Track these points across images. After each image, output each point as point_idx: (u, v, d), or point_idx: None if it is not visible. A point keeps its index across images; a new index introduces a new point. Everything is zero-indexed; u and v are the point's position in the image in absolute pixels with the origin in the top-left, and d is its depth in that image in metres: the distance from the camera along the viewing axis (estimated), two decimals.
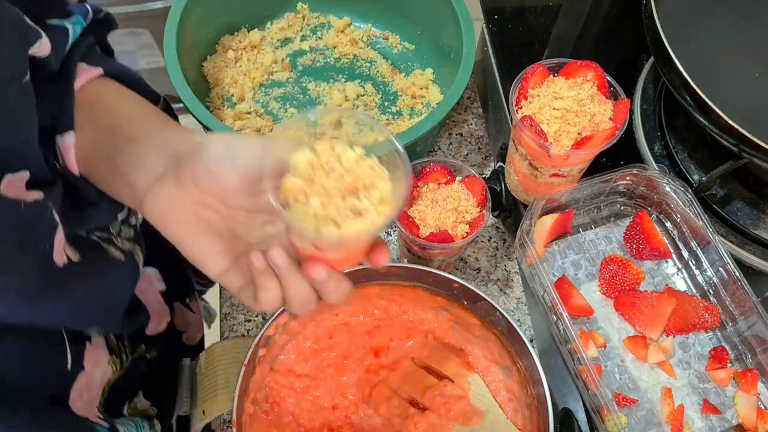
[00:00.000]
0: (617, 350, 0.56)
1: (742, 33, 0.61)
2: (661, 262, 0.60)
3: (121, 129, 0.44)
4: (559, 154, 0.52)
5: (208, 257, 0.41)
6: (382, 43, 0.81)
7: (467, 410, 0.55)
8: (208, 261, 0.41)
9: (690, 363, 0.56)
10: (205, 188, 0.40)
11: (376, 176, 0.42)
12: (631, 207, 0.62)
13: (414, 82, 0.77)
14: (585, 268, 0.60)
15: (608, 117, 0.52)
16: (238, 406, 0.51)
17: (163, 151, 0.42)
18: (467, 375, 0.57)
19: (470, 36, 0.68)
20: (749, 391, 0.53)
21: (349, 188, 0.40)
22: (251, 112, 0.74)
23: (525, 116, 0.52)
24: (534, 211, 0.56)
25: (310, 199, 0.39)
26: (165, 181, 0.41)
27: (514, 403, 0.56)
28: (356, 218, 0.40)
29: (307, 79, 0.77)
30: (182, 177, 0.40)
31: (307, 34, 0.81)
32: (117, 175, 0.43)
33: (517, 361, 0.55)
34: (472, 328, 0.58)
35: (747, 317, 0.54)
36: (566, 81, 0.54)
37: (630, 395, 0.53)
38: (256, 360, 0.54)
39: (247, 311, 0.67)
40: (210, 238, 0.41)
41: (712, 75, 0.55)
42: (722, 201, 0.61)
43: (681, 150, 0.64)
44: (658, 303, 0.56)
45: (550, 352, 0.58)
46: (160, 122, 0.45)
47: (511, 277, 0.69)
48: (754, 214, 0.60)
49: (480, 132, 0.79)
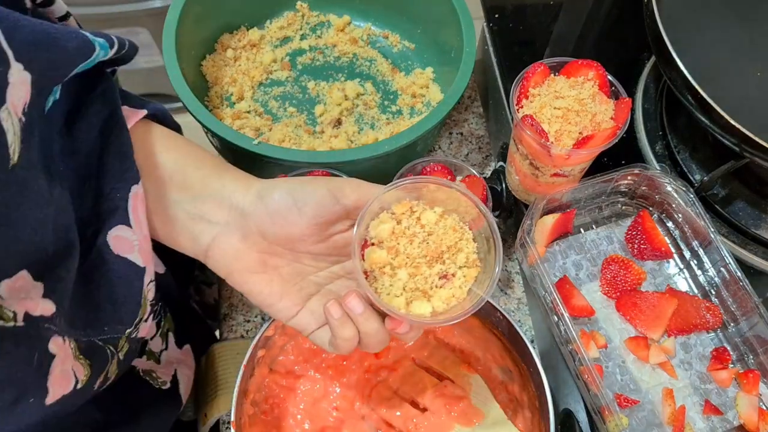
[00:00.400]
0: (618, 351, 0.56)
1: (743, 32, 0.60)
2: (662, 263, 0.60)
3: (175, 181, 0.42)
4: (560, 154, 0.52)
5: (278, 303, 0.41)
6: (382, 41, 0.80)
7: (468, 411, 0.55)
8: (278, 307, 0.41)
9: (691, 364, 0.55)
10: (273, 240, 0.40)
11: (459, 236, 0.41)
12: (633, 207, 0.62)
13: (414, 81, 0.76)
14: (586, 268, 0.60)
15: (609, 116, 0.52)
16: (237, 407, 0.50)
17: (224, 203, 0.41)
18: (468, 376, 0.57)
19: (471, 35, 0.68)
20: (751, 392, 0.53)
21: (434, 253, 0.40)
22: (250, 111, 0.74)
23: (526, 115, 0.52)
24: (535, 211, 0.56)
25: (398, 272, 0.39)
26: (229, 234, 0.40)
27: (515, 403, 0.56)
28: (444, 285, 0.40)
29: (307, 78, 0.77)
30: (248, 230, 0.40)
31: (306, 32, 0.81)
32: (176, 228, 0.42)
33: (518, 361, 0.55)
34: (473, 329, 0.58)
35: (749, 317, 0.54)
36: (567, 80, 0.53)
37: (631, 396, 0.53)
38: (255, 361, 0.54)
39: (246, 312, 0.66)
40: (279, 285, 0.41)
41: (713, 74, 0.55)
42: (724, 201, 0.61)
43: (682, 149, 0.64)
44: (659, 303, 0.56)
45: (551, 353, 0.58)
46: (215, 169, 0.43)
47: (511, 278, 0.69)
48: (756, 214, 0.60)
49: (480, 131, 0.78)
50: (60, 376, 0.35)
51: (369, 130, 0.73)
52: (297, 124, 0.73)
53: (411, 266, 0.39)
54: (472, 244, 0.41)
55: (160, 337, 0.53)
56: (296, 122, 0.73)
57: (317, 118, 0.74)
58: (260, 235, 0.39)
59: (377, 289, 0.39)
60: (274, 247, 0.40)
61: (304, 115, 0.74)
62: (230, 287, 0.67)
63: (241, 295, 0.67)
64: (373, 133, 0.72)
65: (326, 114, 0.73)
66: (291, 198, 0.39)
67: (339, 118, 0.73)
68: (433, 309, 0.39)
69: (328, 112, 0.73)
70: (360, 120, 0.74)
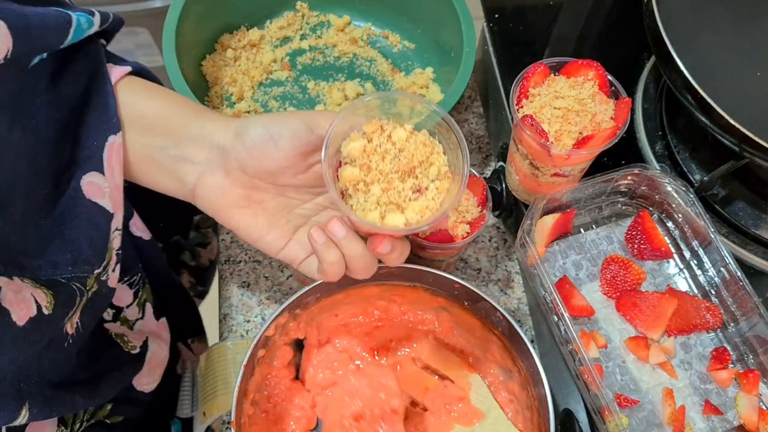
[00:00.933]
0: (618, 351, 0.56)
1: (743, 32, 0.60)
2: (662, 263, 0.60)
3: (159, 128, 0.45)
4: (560, 154, 0.52)
5: (265, 236, 0.43)
6: (382, 41, 0.80)
7: (468, 411, 0.55)
8: (266, 239, 0.43)
9: (691, 364, 0.55)
10: (254, 173, 0.41)
11: (430, 150, 0.42)
12: (633, 207, 0.62)
13: (414, 81, 0.76)
14: (586, 268, 0.60)
15: (609, 116, 0.52)
16: (237, 407, 0.50)
17: (205, 143, 0.43)
18: (468, 376, 0.57)
19: (471, 35, 0.68)
20: (751, 392, 0.53)
21: (406, 168, 0.41)
22: (250, 111, 0.74)
23: (526, 115, 0.52)
24: (535, 211, 0.56)
25: (371, 187, 0.40)
26: (213, 172, 0.42)
27: (515, 403, 0.56)
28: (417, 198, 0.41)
29: (307, 78, 0.77)
30: (229, 166, 0.41)
31: (306, 32, 0.81)
32: (162, 172, 0.44)
33: (518, 361, 0.55)
34: (473, 329, 0.58)
35: (749, 318, 0.54)
36: (567, 80, 0.53)
37: (631, 396, 0.53)
38: (255, 361, 0.54)
39: (246, 312, 0.66)
40: (265, 218, 0.42)
41: (713, 74, 0.55)
42: (724, 201, 0.61)
43: (682, 149, 0.64)
44: (659, 303, 0.56)
45: (551, 353, 0.58)
46: (195, 113, 0.45)
47: (511, 278, 0.69)
48: (756, 214, 0.60)
49: (480, 131, 0.78)
50: (15, 300, 0.37)
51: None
52: None
53: (384, 181, 0.40)
54: (442, 158, 0.42)
55: (136, 306, 0.54)
56: None
57: None
58: (241, 170, 0.41)
59: (353, 206, 0.40)
60: (256, 181, 0.41)
61: None
62: (230, 286, 0.67)
63: (241, 295, 0.67)
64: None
65: None
66: (267, 132, 0.41)
67: None
68: (406, 220, 0.40)
69: None
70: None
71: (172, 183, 0.44)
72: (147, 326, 0.57)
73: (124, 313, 0.54)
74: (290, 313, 0.55)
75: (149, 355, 0.56)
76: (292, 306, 0.54)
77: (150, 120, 0.45)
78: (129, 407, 0.55)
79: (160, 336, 0.59)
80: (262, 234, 0.43)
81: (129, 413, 0.55)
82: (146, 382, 0.56)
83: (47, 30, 0.41)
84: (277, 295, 0.67)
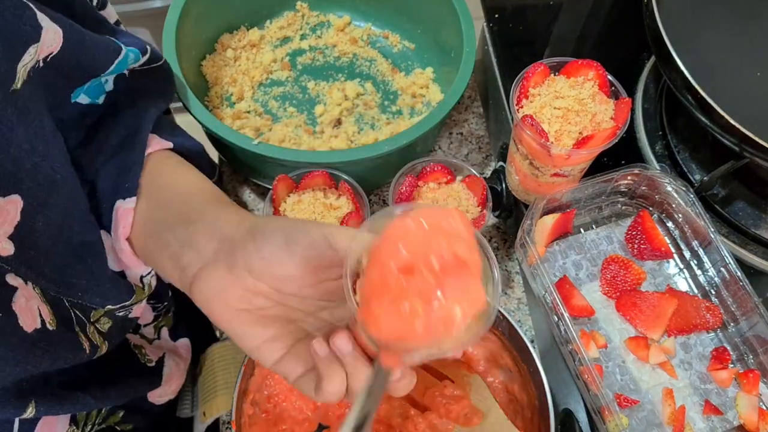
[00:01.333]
0: (618, 351, 0.56)
1: (743, 32, 0.60)
2: (662, 263, 0.60)
3: (175, 206, 0.43)
4: (560, 154, 0.52)
5: (261, 346, 0.38)
6: (382, 41, 0.80)
7: (467, 411, 0.55)
8: (262, 350, 0.38)
9: (691, 363, 0.55)
10: (259, 276, 0.37)
11: None
12: (633, 207, 0.62)
13: (414, 81, 0.76)
14: (586, 268, 0.60)
15: (609, 116, 0.52)
16: (237, 407, 0.50)
17: (214, 234, 0.40)
18: (468, 375, 0.57)
19: (471, 35, 0.68)
20: (751, 392, 0.53)
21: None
22: (250, 112, 0.74)
23: (526, 115, 0.52)
24: (535, 211, 0.56)
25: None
26: (216, 266, 0.39)
27: (515, 404, 0.56)
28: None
29: (307, 78, 0.77)
30: (235, 264, 0.38)
31: (306, 32, 0.81)
32: (166, 253, 0.42)
33: (518, 361, 0.55)
34: None
35: (749, 317, 0.54)
36: (567, 80, 0.53)
37: (631, 396, 0.53)
38: (255, 361, 0.54)
39: None
40: (263, 327, 0.38)
41: (713, 74, 0.55)
42: (724, 201, 0.61)
43: (682, 149, 0.64)
44: (659, 303, 0.56)
45: (551, 353, 0.58)
46: (216, 201, 0.44)
47: (511, 278, 0.69)
48: (756, 214, 0.60)
49: (480, 131, 0.78)
50: (25, 307, 0.37)
51: (369, 130, 0.73)
52: (297, 124, 0.73)
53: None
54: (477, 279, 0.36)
55: (153, 328, 0.54)
56: (296, 122, 0.73)
57: (317, 118, 0.74)
58: (247, 270, 0.38)
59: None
60: (260, 284, 0.38)
61: (304, 115, 0.74)
62: None
63: None
64: (373, 133, 0.72)
65: (326, 114, 0.73)
66: (283, 236, 0.37)
67: (339, 118, 0.73)
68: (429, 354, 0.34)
69: (328, 112, 0.73)
70: (360, 120, 0.74)
71: (172, 269, 0.41)
72: (164, 345, 0.57)
73: (142, 330, 0.54)
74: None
75: (166, 371, 0.55)
76: None
77: (169, 196, 0.44)
78: (140, 417, 0.55)
79: (177, 353, 0.58)
80: (258, 343, 0.38)
81: (139, 423, 0.55)
82: (159, 394, 0.55)
83: (97, 53, 0.42)
84: None
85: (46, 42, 0.37)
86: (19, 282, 0.37)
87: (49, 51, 0.38)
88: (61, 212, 0.40)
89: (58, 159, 0.40)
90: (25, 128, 0.36)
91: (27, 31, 0.35)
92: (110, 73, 0.45)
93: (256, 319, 0.38)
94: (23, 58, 0.35)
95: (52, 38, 0.37)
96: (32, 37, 0.36)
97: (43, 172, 0.38)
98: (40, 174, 0.38)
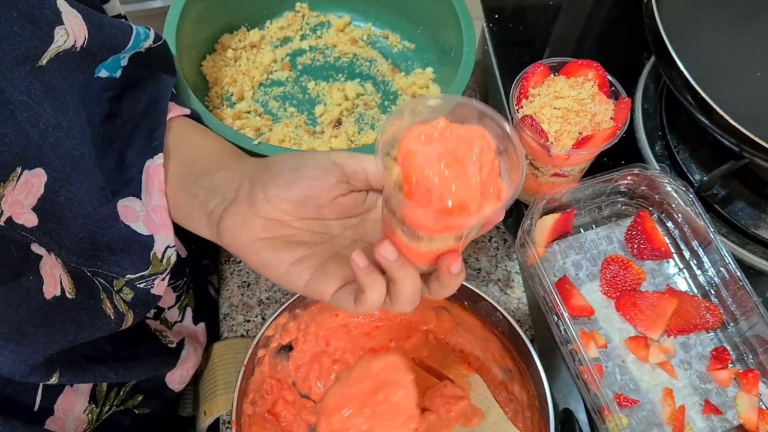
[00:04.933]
0: (618, 351, 0.56)
1: (743, 32, 0.60)
2: (662, 262, 0.60)
3: (200, 162, 0.47)
4: (560, 154, 0.52)
5: (290, 269, 0.40)
6: (382, 42, 0.80)
7: (468, 411, 0.55)
8: (291, 274, 0.40)
9: (691, 363, 0.55)
10: (277, 204, 0.40)
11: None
12: (632, 207, 0.62)
13: (414, 81, 0.76)
14: (586, 268, 0.60)
15: (609, 116, 0.52)
16: (238, 406, 0.50)
17: (235, 177, 0.44)
18: (468, 375, 0.57)
19: (471, 35, 0.68)
20: (750, 392, 0.53)
21: None
22: (250, 112, 0.74)
23: (526, 116, 0.52)
24: (535, 211, 0.56)
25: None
26: (238, 204, 0.42)
27: (515, 403, 0.56)
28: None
29: (307, 78, 0.77)
30: (255, 197, 0.41)
31: (306, 33, 0.81)
32: (194, 203, 0.44)
33: (518, 361, 0.55)
34: (473, 329, 0.58)
35: (748, 317, 0.54)
36: (567, 80, 0.54)
37: (631, 396, 0.53)
38: (256, 361, 0.54)
39: (246, 312, 0.66)
40: (289, 251, 0.41)
41: (713, 74, 0.55)
42: (723, 201, 0.61)
43: (682, 150, 0.64)
44: (659, 303, 0.56)
45: (551, 353, 0.58)
46: (236, 155, 0.48)
47: (511, 278, 0.69)
48: (756, 214, 0.60)
49: None
50: (50, 273, 0.39)
51: (369, 131, 0.73)
52: (297, 125, 0.73)
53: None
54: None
55: (177, 309, 0.57)
56: (296, 122, 0.73)
57: (317, 119, 0.74)
58: (266, 200, 0.40)
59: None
60: (280, 213, 0.41)
61: (305, 116, 0.74)
62: (230, 286, 0.67)
63: (242, 294, 0.67)
64: (374, 133, 0.72)
65: (326, 114, 0.73)
66: (293, 162, 0.41)
67: (339, 118, 0.73)
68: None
69: (328, 113, 0.73)
70: (360, 120, 0.74)
71: (200, 216, 0.44)
72: (185, 329, 0.59)
73: (165, 314, 0.56)
74: (290, 313, 0.55)
75: (184, 354, 0.57)
76: (292, 306, 0.54)
77: (193, 154, 0.47)
78: (158, 402, 0.56)
79: (196, 339, 0.60)
80: (286, 267, 0.40)
81: (156, 408, 0.56)
82: (179, 381, 0.57)
83: (115, 31, 0.46)
84: (277, 295, 0.67)
85: (71, 25, 0.40)
86: (42, 251, 0.39)
87: (83, 37, 0.41)
88: (82, 187, 0.43)
89: (78, 136, 0.43)
90: (51, 103, 0.39)
91: (48, 14, 0.38)
92: (129, 50, 0.48)
93: (281, 245, 0.41)
94: (56, 40, 0.38)
95: (73, 21, 0.40)
96: (54, 19, 0.38)
97: (66, 147, 0.41)
98: (62, 149, 0.40)
